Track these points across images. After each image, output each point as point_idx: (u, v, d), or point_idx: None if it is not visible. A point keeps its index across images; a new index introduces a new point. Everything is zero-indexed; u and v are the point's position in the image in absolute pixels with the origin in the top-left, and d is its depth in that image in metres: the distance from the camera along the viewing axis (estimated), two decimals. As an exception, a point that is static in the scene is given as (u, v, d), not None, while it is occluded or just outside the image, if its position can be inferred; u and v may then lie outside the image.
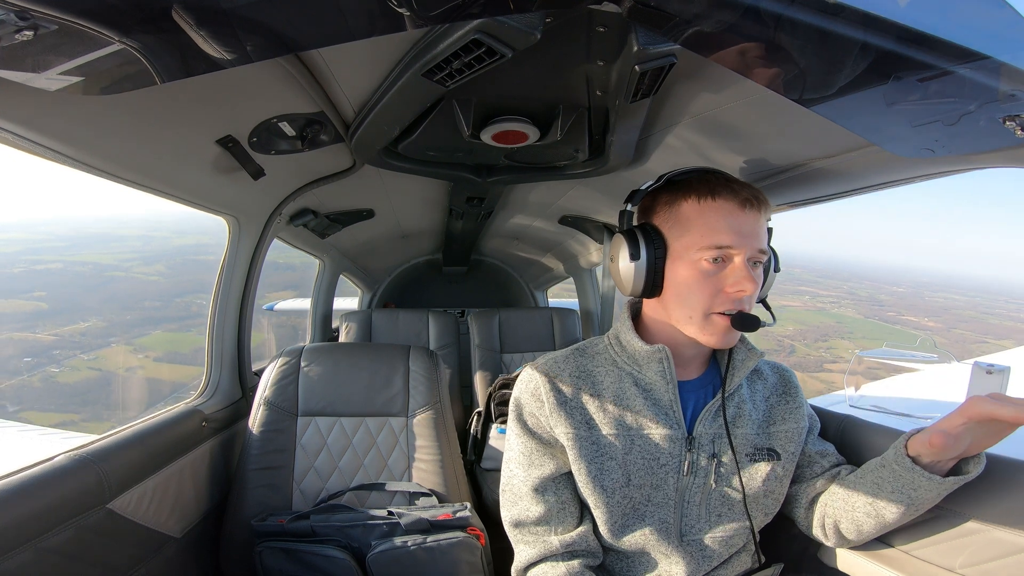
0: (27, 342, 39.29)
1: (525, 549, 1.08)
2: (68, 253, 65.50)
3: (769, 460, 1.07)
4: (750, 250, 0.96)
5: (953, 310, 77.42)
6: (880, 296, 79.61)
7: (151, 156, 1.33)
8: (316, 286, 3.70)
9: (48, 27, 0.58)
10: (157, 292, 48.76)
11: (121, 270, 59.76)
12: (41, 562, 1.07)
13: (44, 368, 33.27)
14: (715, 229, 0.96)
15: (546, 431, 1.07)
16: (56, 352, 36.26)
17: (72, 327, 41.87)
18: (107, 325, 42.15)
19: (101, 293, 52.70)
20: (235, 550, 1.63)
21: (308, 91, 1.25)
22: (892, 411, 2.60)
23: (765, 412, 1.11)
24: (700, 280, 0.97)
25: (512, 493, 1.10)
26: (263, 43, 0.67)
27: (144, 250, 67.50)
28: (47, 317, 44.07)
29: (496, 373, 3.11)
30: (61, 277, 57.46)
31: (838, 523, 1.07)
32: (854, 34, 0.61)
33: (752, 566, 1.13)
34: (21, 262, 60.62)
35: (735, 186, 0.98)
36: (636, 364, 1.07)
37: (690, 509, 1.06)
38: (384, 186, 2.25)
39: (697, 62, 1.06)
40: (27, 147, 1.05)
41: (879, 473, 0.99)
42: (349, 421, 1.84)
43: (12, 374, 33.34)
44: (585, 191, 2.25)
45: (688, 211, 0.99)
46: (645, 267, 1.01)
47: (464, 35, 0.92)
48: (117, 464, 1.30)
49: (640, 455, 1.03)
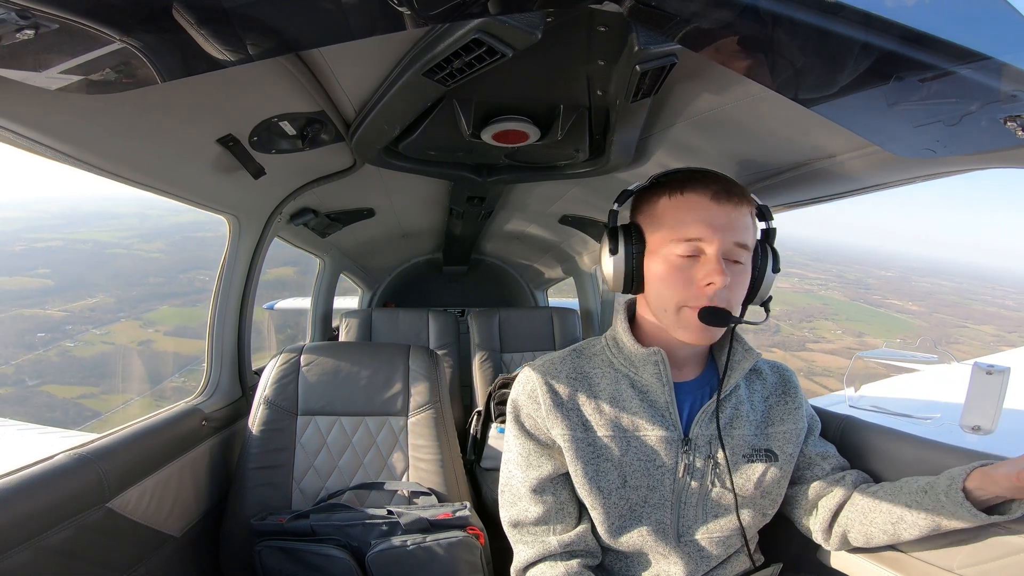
0: (38, 318, 39.74)
1: (524, 549, 1.08)
2: (66, 231, 65.53)
3: (767, 461, 1.07)
4: (724, 243, 0.96)
5: (938, 295, 77.95)
6: (868, 280, 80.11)
7: (152, 155, 1.33)
8: (316, 285, 3.70)
9: (49, 26, 0.58)
10: (159, 268, 48.97)
11: (122, 247, 59.88)
12: (41, 561, 1.07)
13: (59, 343, 33.66)
14: (684, 223, 0.97)
15: (543, 432, 1.07)
16: (68, 327, 36.76)
17: (80, 303, 42.22)
18: (115, 301, 42.50)
19: (104, 270, 52.97)
20: (235, 549, 1.63)
21: (309, 90, 1.25)
22: (892, 411, 2.60)
23: (763, 413, 1.11)
24: (672, 274, 0.98)
25: (511, 493, 1.10)
26: (264, 42, 0.67)
27: (141, 228, 67.73)
28: (54, 294, 44.37)
29: (496, 373, 3.11)
30: (63, 255, 57.68)
31: (848, 531, 1.06)
32: (854, 34, 0.61)
33: (751, 566, 1.13)
34: (21, 240, 60.92)
35: (707, 180, 0.99)
36: (632, 366, 1.07)
37: (687, 510, 1.06)
38: (384, 185, 2.25)
39: (698, 62, 1.06)
40: (28, 146, 1.05)
41: (918, 498, 0.97)
42: (349, 420, 1.83)
43: (28, 348, 33.64)
44: (585, 191, 2.25)
45: (661, 207, 1.01)
46: (624, 262, 1.03)
47: (465, 34, 0.92)
48: (117, 463, 1.30)
49: (636, 457, 1.03)
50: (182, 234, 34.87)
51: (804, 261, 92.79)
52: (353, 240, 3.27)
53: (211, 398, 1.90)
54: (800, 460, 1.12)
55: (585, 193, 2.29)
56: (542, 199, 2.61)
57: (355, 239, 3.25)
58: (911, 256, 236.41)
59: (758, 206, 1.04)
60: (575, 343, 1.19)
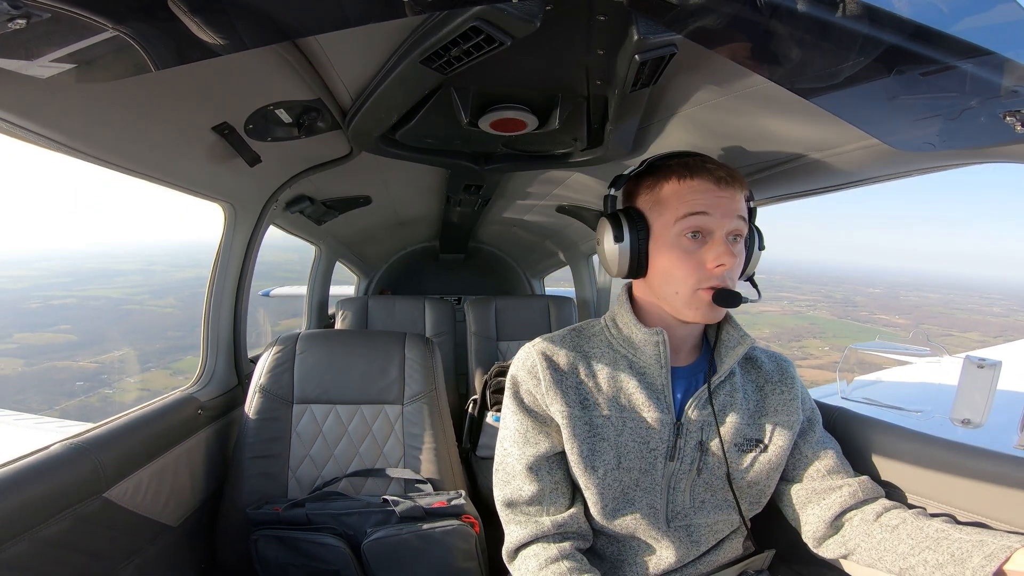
0: (72, 369, 41.93)
1: (516, 529, 1.08)
2: (76, 289, 69.23)
3: (757, 451, 1.07)
4: (728, 226, 0.99)
5: (924, 307, 79.39)
6: (855, 298, 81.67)
7: (146, 143, 1.32)
8: (312, 273, 3.69)
9: (41, 15, 0.57)
10: (176, 323, 51.28)
11: (134, 303, 63.56)
12: (38, 552, 1.07)
13: (98, 390, 35.80)
14: (692, 206, 0.99)
15: (542, 408, 1.07)
16: (104, 376, 38.99)
17: (108, 355, 44.48)
18: (140, 353, 44.79)
19: (122, 325, 55.96)
20: (231, 538, 1.64)
21: (305, 78, 1.24)
22: (884, 404, 2.63)
23: (758, 402, 1.11)
24: (682, 258, 0.99)
25: (505, 472, 1.10)
26: (259, 30, 0.67)
27: (148, 284, 71.80)
28: (80, 348, 46.65)
29: (492, 361, 3.11)
30: (79, 311, 60.37)
31: (851, 553, 1.04)
32: (855, 26, 0.61)
33: (744, 552, 1.14)
34: (35, 298, 64.14)
35: (710, 166, 1.01)
36: (632, 347, 1.08)
37: (676, 495, 1.07)
38: (381, 173, 2.24)
39: (697, 52, 1.05)
40: (22, 135, 1.04)
41: (945, 569, 0.89)
42: (344, 409, 1.84)
43: (70, 395, 35.71)
44: (583, 180, 2.24)
45: (668, 191, 1.02)
46: (629, 248, 1.04)
47: (463, 22, 0.91)
48: (113, 453, 1.30)
49: (632, 437, 1.04)
50: (191, 290, 36.74)
51: (793, 284, 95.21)
52: (349, 228, 3.25)
53: (207, 387, 1.90)
54: (795, 457, 1.12)
55: (583, 182, 2.28)
56: (539, 188, 2.60)
57: (351, 227, 3.24)
58: (897, 271, 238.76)
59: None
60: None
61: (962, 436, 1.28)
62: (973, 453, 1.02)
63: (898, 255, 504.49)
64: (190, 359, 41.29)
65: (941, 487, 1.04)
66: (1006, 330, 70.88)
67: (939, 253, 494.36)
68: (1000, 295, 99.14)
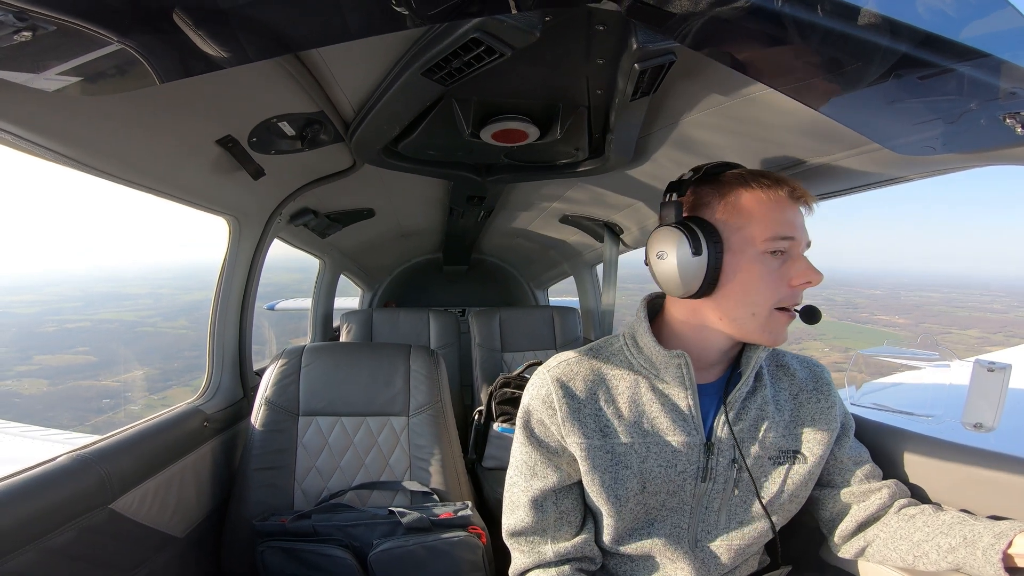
0: (96, 388, 42.93)
1: (520, 558, 1.06)
2: (88, 312, 71.13)
3: (794, 463, 1.02)
4: (805, 239, 0.94)
5: (925, 307, 78.99)
6: (856, 300, 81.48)
7: (151, 156, 1.33)
8: (317, 286, 3.70)
9: (46, 28, 0.58)
10: (191, 344, 52.39)
11: (147, 326, 65.13)
12: (44, 563, 1.07)
13: (124, 407, 36.60)
14: (779, 221, 0.92)
15: (555, 440, 1.02)
16: (128, 394, 39.71)
17: (129, 375, 45.43)
18: (160, 372, 45.64)
19: (138, 346, 57.45)
20: (237, 550, 1.63)
21: (307, 91, 1.25)
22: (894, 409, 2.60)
23: (792, 411, 1.06)
24: (766, 275, 0.92)
25: (511, 501, 1.07)
26: (262, 43, 0.67)
27: (158, 307, 73.83)
28: (100, 368, 47.53)
29: (497, 372, 3.10)
30: (94, 334, 61.54)
31: (869, 545, 1.03)
32: (854, 32, 0.61)
33: (758, 568, 1.11)
34: (50, 322, 65.63)
35: (783, 178, 0.95)
36: (653, 368, 1.02)
37: (708, 515, 1.02)
38: (384, 185, 2.25)
39: (696, 60, 1.06)
40: (27, 148, 1.05)
41: (957, 553, 0.90)
42: (350, 421, 1.84)
43: (98, 412, 36.47)
44: (585, 190, 2.25)
45: (750, 203, 0.93)
46: (706, 263, 0.92)
47: (463, 34, 0.92)
48: (119, 464, 1.30)
49: (656, 462, 0.98)
50: (201, 311, 38.55)
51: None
52: (353, 240, 3.27)
53: (212, 399, 1.90)
54: (831, 463, 1.08)
55: (585, 191, 2.29)
56: (542, 198, 2.61)
57: (355, 239, 3.25)
58: (899, 272, 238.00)
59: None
60: (576, 342, 1.18)
61: (974, 440, 1.27)
62: (987, 457, 1.01)
63: (897, 256, 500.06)
64: (208, 377, 43.51)
65: (955, 491, 1.03)
66: (1006, 326, 70.58)
67: (937, 254, 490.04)
68: (1001, 291, 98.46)
